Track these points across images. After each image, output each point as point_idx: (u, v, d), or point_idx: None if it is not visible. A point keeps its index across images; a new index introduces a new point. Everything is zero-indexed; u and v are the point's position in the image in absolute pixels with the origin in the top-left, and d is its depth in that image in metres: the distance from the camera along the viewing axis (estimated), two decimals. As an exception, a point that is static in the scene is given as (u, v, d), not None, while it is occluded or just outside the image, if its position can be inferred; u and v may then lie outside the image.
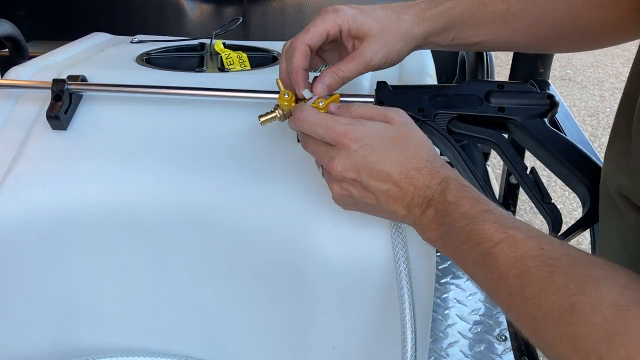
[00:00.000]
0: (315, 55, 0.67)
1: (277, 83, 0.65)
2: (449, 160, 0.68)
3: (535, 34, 0.67)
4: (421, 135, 0.59)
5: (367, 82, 0.80)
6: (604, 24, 0.64)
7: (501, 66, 4.11)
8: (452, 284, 1.22)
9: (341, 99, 0.65)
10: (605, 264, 0.42)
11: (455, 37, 0.67)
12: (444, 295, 1.19)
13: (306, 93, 0.63)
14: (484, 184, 0.64)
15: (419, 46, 0.67)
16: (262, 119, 0.64)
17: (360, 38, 0.64)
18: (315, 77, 0.64)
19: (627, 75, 0.56)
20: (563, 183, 0.65)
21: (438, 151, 0.71)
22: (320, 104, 0.62)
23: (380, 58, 0.64)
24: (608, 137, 0.57)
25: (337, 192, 0.59)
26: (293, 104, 0.63)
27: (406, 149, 0.56)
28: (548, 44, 0.72)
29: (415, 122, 0.66)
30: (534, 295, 0.42)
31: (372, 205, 0.57)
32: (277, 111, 0.64)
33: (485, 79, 1.27)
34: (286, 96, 0.63)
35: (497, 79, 1.60)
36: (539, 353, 1.09)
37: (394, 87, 0.69)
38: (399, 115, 0.59)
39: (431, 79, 0.85)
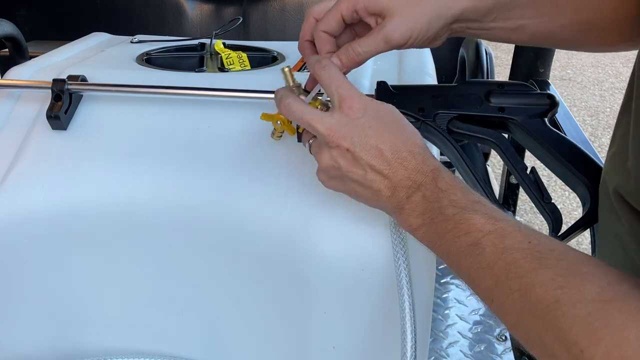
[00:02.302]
0: (347, 30, 0.64)
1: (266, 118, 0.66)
2: (448, 160, 0.68)
3: (580, 23, 0.62)
4: (414, 127, 0.59)
5: (367, 82, 0.80)
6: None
7: (501, 66, 4.11)
8: (452, 284, 1.22)
9: None
10: (593, 261, 0.42)
11: (497, 17, 0.61)
12: (444, 295, 1.19)
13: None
14: (484, 184, 0.64)
15: (453, 28, 0.62)
16: (274, 136, 0.66)
17: (381, 15, 0.60)
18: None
19: (627, 75, 0.56)
20: (563, 183, 0.65)
21: (438, 151, 0.71)
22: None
23: (401, 34, 0.59)
24: (608, 137, 0.57)
25: (325, 162, 0.57)
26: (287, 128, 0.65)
27: (403, 133, 0.56)
28: (589, 39, 0.65)
29: (415, 122, 0.66)
30: (520, 287, 0.42)
31: (356, 182, 0.56)
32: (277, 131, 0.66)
33: (485, 79, 1.27)
34: (278, 123, 0.65)
35: (497, 79, 1.60)
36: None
37: (393, 87, 0.69)
38: (393, 107, 0.59)
39: (431, 79, 0.85)
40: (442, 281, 1.22)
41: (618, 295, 0.37)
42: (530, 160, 0.72)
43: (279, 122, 0.64)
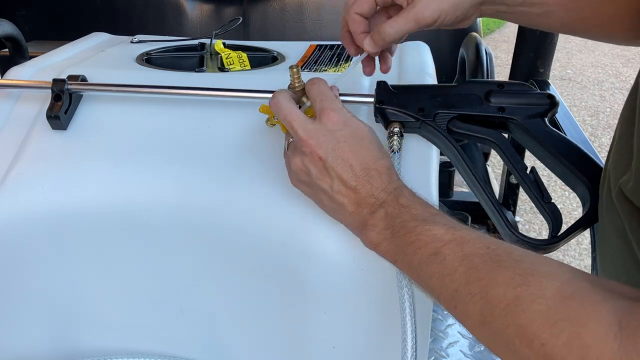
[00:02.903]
0: (380, 12, 0.66)
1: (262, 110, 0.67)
2: (448, 160, 0.68)
3: (601, 13, 0.63)
4: (385, 149, 0.61)
5: (367, 82, 0.80)
6: None
7: (501, 66, 4.12)
8: (452, 284, 1.22)
9: (341, 98, 0.65)
10: (552, 261, 0.43)
11: (525, 1, 0.62)
12: (444, 295, 1.19)
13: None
14: (484, 184, 0.64)
15: (482, 10, 0.63)
16: (268, 123, 0.67)
17: None
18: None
19: (627, 75, 0.55)
20: (563, 183, 0.65)
21: (438, 151, 0.71)
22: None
23: (431, 13, 0.61)
24: (608, 137, 0.57)
25: (296, 166, 0.59)
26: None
27: (374, 152, 0.58)
28: (616, 31, 0.65)
29: (415, 121, 0.66)
30: (481, 290, 0.43)
31: (323, 191, 0.58)
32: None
33: (485, 79, 1.27)
34: (275, 118, 0.65)
35: (497, 79, 1.60)
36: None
37: (393, 86, 0.69)
38: (371, 128, 0.61)
39: (431, 79, 0.85)
40: (442, 281, 1.22)
41: (577, 291, 0.39)
42: (530, 160, 0.72)
43: (275, 117, 0.65)
